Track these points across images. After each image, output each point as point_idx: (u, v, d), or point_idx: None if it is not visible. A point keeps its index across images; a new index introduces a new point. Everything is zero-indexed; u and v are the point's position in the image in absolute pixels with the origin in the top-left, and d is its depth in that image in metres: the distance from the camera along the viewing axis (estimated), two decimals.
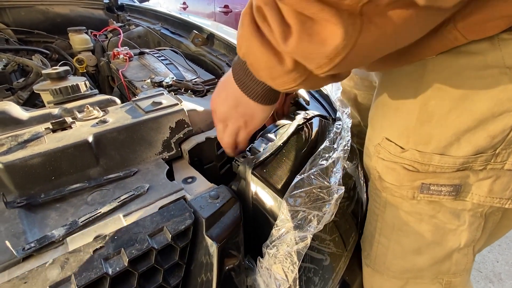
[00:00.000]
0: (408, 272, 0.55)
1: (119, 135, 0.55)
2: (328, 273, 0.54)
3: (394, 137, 0.48)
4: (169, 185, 0.51)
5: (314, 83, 0.39)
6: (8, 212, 0.43)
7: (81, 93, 0.72)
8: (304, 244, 0.43)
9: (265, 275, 0.44)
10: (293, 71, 0.36)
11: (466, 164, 0.44)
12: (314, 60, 0.32)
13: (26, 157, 0.47)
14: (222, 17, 3.63)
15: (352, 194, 0.64)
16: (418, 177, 0.47)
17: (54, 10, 1.57)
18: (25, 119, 0.58)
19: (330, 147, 0.57)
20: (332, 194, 0.49)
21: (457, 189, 0.46)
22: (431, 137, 0.44)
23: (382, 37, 0.30)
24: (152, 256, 0.39)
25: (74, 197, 0.48)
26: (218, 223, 0.45)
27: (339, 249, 0.56)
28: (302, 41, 0.30)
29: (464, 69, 0.40)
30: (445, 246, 0.51)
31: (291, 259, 0.43)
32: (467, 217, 0.48)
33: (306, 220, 0.45)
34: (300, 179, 0.49)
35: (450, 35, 0.37)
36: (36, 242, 0.39)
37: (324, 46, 0.30)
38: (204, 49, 1.08)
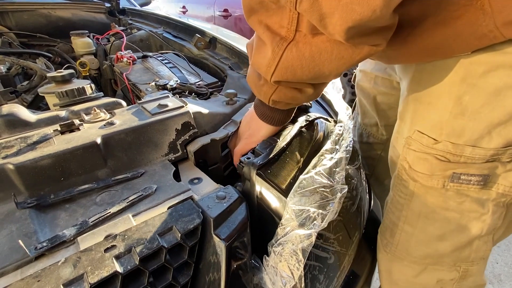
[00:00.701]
0: (430, 257, 0.58)
1: (127, 137, 0.56)
2: (333, 271, 0.54)
3: (427, 130, 0.51)
4: (176, 185, 0.52)
5: (282, 93, 0.50)
6: (19, 213, 0.44)
7: (87, 95, 0.73)
8: (309, 241, 0.44)
9: (271, 273, 0.45)
10: (264, 84, 0.50)
11: (495, 155, 0.47)
12: (261, 69, 0.46)
13: (36, 158, 0.47)
14: (221, 21, 3.65)
15: (355, 194, 0.65)
16: (449, 167, 0.50)
17: (57, 14, 1.58)
18: (33, 121, 0.59)
19: (333, 148, 0.58)
20: (336, 193, 0.50)
21: (485, 179, 0.49)
22: (464, 129, 0.47)
23: (301, 57, 0.41)
24: (162, 255, 0.40)
25: (83, 198, 0.49)
26: (225, 223, 0.46)
27: (343, 248, 0.56)
28: (256, 56, 0.46)
29: (499, 67, 0.42)
30: (468, 233, 0.53)
31: (297, 257, 0.43)
32: (490, 206, 0.51)
33: (311, 219, 0.46)
34: (304, 179, 0.50)
35: (490, 34, 0.39)
36: (48, 242, 0.39)
37: (264, 58, 0.44)
38: (207, 53, 1.09)
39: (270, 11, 0.39)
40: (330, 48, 0.39)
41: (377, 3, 0.30)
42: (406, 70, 0.57)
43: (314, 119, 0.66)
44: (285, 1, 0.35)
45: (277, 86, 0.49)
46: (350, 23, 0.32)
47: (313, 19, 0.35)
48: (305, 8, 0.34)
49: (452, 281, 0.58)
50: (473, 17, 0.38)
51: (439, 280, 0.58)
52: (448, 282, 0.58)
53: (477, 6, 0.38)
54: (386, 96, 0.78)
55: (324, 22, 0.34)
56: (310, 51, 0.40)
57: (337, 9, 0.32)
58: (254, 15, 0.41)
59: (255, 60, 0.47)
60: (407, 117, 0.56)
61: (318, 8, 0.33)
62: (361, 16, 0.31)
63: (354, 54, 0.40)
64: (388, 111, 0.81)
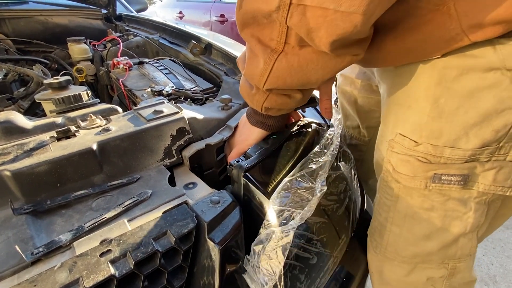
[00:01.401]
0: (418, 256, 0.59)
1: (122, 143, 0.57)
2: (316, 272, 0.55)
3: (407, 133, 0.53)
4: (171, 190, 0.53)
5: (273, 100, 0.53)
6: (16, 218, 0.45)
7: (83, 102, 0.73)
8: (287, 239, 0.45)
9: (253, 272, 0.46)
10: (256, 93, 0.54)
11: (473, 156, 0.48)
12: (255, 78, 0.49)
13: (33, 165, 0.48)
14: (218, 26, 3.69)
15: (343, 197, 0.66)
16: (430, 168, 0.51)
17: (53, 21, 1.59)
18: (30, 128, 0.60)
19: (320, 152, 0.60)
20: (316, 194, 0.51)
21: (465, 178, 0.50)
22: (442, 131, 0.49)
23: (290, 67, 0.45)
24: (156, 259, 0.41)
25: (79, 203, 0.50)
26: (219, 227, 0.47)
27: (327, 250, 0.57)
28: (248, 66, 0.50)
29: (470, 70, 0.44)
30: (452, 231, 0.55)
31: (277, 255, 0.44)
32: (472, 204, 0.53)
33: (290, 218, 0.47)
34: (288, 181, 0.52)
35: (458, 37, 0.41)
36: (44, 247, 0.40)
37: (257, 68, 0.47)
38: (202, 59, 1.11)
39: (261, 25, 0.42)
40: (316, 59, 0.43)
41: (358, 20, 0.33)
42: (385, 75, 0.60)
43: (305, 124, 0.68)
44: (276, 16, 0.38)
45: (268, 94, 0.53)
46: (334, 36, 0.36)
47: (301, 33, 0.39)
48: (295, 23, 0.37)
49: (442, 279, 0.60)
50: (440, 21, 0.41)
51: (429, 278, 0.60)
52: (437, 279, 0.60)
53: (443, 11, 0.40)
54: (366, 99, 0.81)
55: (311, 35, 0.37)
56: (298, 61, 0.44)
57: (323, 25, 0.35)
58: (246, 28, 0.44)
59: (248, 71, 0.51)
60: (389, 120, 0.58)
61: (306, 23, 0.36)
62: (344, 30, 0.35)
63: (337, 63, 0.44)
64: (369, 113, 0.83)
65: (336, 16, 0.33)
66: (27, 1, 1.68)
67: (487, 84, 0.44)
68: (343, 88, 0.87)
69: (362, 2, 0.32)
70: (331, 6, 0.33)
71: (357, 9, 0.32)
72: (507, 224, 1.76)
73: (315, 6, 0.34)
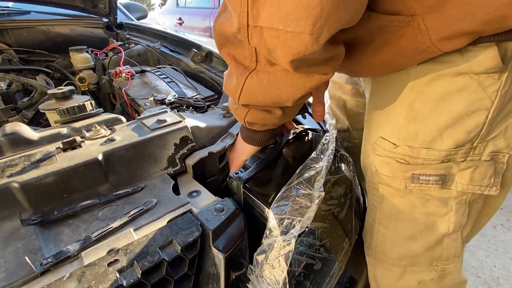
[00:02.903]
0: (405, 258, 0.61)
1: (127, 153, 0.58)
2: (320, 277, 0.56)
3: (387, 135, 0.56)
4: (176, 199, 0.54)
5: (253, 115, 0.55)
6: (24, 229, 0.46)
7: (87, 112, 0.75)
8: (289, 248, 0.45)
9: (257, 282, 0.47)
10: (238, 108, 0.55)
11: (449, 156, 0.51)
12: (230, 93, 0.51)
13: (40, 176, 0.49)
14: None
15: (344, 201, 0.67)
16: (409, 169, 0.54)
17: (55, 30, 1.61)
18: (36, 139, 0.61)
19: (317, 158, 0.61)
20: (314, 200, 0.52)
21: (442, 178, 0.53)
22: (417, 133, 0.51)
23: (260, 84, 0.46)
24: (163, 268, 0.41)
25: (85, 213, 0.51)
26: (224, 235, 0.47)
27: (332, 255, 0.58)
28: (226, 82, 0.52)
29: (441, 75, 0.47)
30: (436, 231, 0.57)
31: (280, 264, 0.45)
32: (453, 204, 0.55)
33: (291, 226, 0.48)
34: (286, 189, 0.53)
35: (429, 49, 0.44)
36: (53, 257, 0.41)
37: (231, 84, 0.49)
38: (203, 67, 1.12)
39: (235, 45, 0.44)
40: (284, 76, 0.44)
41: (307, 40, 0.34)
42: (367, 82, 0.63)
43: (301, 132, 0.69)
44: (241, 37, 0.40)
45: (248, 109, 0.54)
46: (290, 56, 0.37)
47: (263, 52, 0.41)
48: (256, 43, 0.39)
49: (433, 281, 0.61)
50: (412, 36, 0.43)
51: (420, 282, 0.61)
52: (428, 282, 0.61)
53: (414, 26, 0.42)
54: (355, 102, 0.84)
55: (272, 55, 0.39)
56: (267, 79, 0.45)
57: (278, 45, 0.36)
58: (223, 48, 0.47)
59: (225, 86, 0.53)
60: (371, 125, 0.60)
61: (264, 43, 0.38)
62: (298, 50, 0.36)
63: (306, 82, 0.45)
64: (358, 116, 0.85)
65: (287, 37, 0.34)
66: (29, 12, 1.70)
67: (457, 87, 0.46)
68: (331, 92, 0.90)
69: (307, 22, 0.32)
70: (280, 26, 0.34)
71: (303, 29, 0.33)
72: (510, 226, 1.76)
73: (267, 27, 0.35)
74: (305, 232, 0.53)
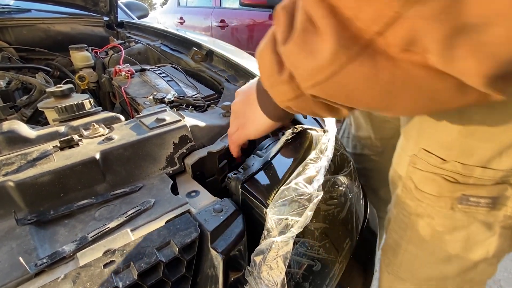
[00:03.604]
0: (434, 280, 0.56)
1: (125, 152, 0.57)
2: (320, 278, 0.55)
3: (434, 149, 0.49)
4: (174, 199, 0.53)
5: (305, 104, 0.40)
6: (19, 229, 0.45)
7: (86, 110, 0.74)
8: (287, 248, 0.44)
9: (255, 283, 0.46)
10: (287, 83, 0.36)
11: (505, 177, 0.46)
12: (299, 70, 0.33)
13: (36, 175, 0.48)
14: (218, 32, 3.71)
15: (344, 201, 0.66)
16: (458, 189, 0.48)
17: (55, 28, 1.60)
18: (33, 137, 0.60)
19: (317, 157, 0.60)
20: (312, 200, 0.51)
21: (494, 201, 0.47)
22: (474, 150, 0.45)
23: (373, 79, 0.27)
24: (160, 269, 0.41)
25: (82, 213, 0.50)
26: (222, 236, 0.47)
27: (331, 255, 0.57)
28: (295, 46, 0.30)
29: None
30: (474, 255, 0.52)
31: (278, 265, 0.44)
32: (497, 228, 0.50)
33: (288, 227, 0.47)
34: (285, 189, 0.52)
35: None
36: (48, 258, 0.40)
37: (310, 58, 0.29)
38: (204, 65, 1.11)
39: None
40: (425, 80, 0.25)
41: None
42: None
43: (301, 131, 0.68)
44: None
45: (309, 99, 0.38)
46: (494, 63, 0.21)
47: (438, 32, 0.21)
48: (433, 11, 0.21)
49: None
50: None
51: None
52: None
53: None
54: None
55: (457, 42, 0.21)
56: (390, 74, 0.26)
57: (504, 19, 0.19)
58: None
59: (291, 51, 0.32)
60: (412, 134, 0.54)
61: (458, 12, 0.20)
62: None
63: (457, 97, 0.27)
64: (383, 124, 0.82)
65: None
66: (29, 10, 1.69)
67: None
68: None
69: None
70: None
71: None
72: None
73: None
74: (305, 232, 0.52)
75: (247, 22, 3.26)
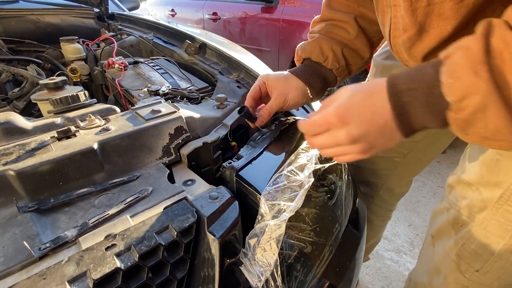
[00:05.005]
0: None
1: (122, 142, 0.58)
2: (311, 260, 0.58)
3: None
4: (171, 187, 0.55)
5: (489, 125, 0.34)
6: (21, 216, 0.46)
7: (81, 102, 0.75)
8: (280, 231, 0.47)
9: (249, 265, 0.48)
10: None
11: None
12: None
13: (36, 164, 0.50)
14: (210, 24, 3.68)
15: (334, 188, 0.69)
16: None
17: (45, 20, 1.58)
18: (30, 128, 0.61)
19: (308, 147, 0.63)
20: (303, 186, 0.54)
21: None
22: None
23: None
24: (159, 252, 0.43)
25: (81, 201, 0.51)
26: (218, 221, 0.49)
27: (322, 239, 0.60)
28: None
29: None
30: None
31: (271, 247, 0.47)
32: None
33: (281, 211, 0.50)
34: (277, 177, 0.54)
35: None
36: (51, 242, 0.42)
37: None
38: (197, 58, 1.12)
39: None
40: None
41: None
42: None
43: (293, 122, 0.71)
44: None
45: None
46: None
47: None
48: None
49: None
50: None
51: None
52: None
53: None
54: None
55: None
56: None
57: None
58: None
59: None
60: (494, 168, 0.52)
61: None
62: None
63: None
64: None
65: None
66: (17, 0, 1.66)
67: None
68: None
69: None
70: None
71: None
72: None
73: None
74: (297, 217, 0.55)
75: (239, 15, 3.25)
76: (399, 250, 1.63)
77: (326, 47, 0.68)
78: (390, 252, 1.62)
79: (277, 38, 2.88)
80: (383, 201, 1.04)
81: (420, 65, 0.39)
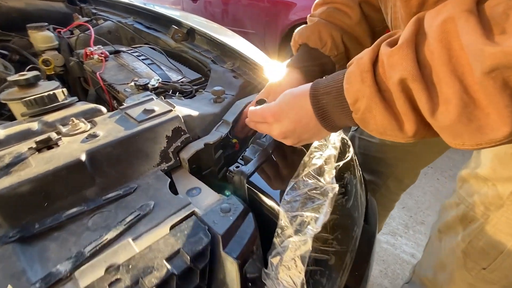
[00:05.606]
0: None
1: (114, 150, 0.51)
2: (335, 272, 0.54)
3: None
4: (175, 200, 0.48)
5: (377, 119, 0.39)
6: (1, 249, 0.39)
7: (60, 102, 0.65)
8: (306, 248, 0.42)
9: (273, 286, 0.44)
10: (411, 138, 0.38)
11: None
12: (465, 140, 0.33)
13: (14, 185, 0.42)
14: (190, 5, 3.48)
15: (350, 188, 0.65)
16: None
17: (8, 4, 1.40)
18: (2, 138, 0.52)
19: (321, 145, 0.58)
20: (327, 194, 0.49)
21: None
22: None
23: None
24: (172, 283, 0.37)
25: (73, 223, 0.44)
26: (234, 238, 0.43)
27: (343, 246, 0.56)
28: (458, 123, 0.31)
29: None
30: None
31: (296, 265, 0.42)
32: None
33: (305, 224, 0.45)
34: (295, 183, 0.49)
35: None
36: (41, 282, 0.35)
37: (480, 133, 0.30)
38: (186, 45, 1.02)
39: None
40: None
41: None
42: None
43: None
44: None
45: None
46: None
47: None
48: None
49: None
50: None
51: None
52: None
53: None
54: None
55: None
56: None
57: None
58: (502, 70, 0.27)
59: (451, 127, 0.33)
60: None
61: None
62: None
63: None
64: None
65: None
66: None
67: None
68: None
69: None
70: None
71: None
72: None
73: None
74: None
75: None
76: (394, 233, 1.65)
77: (325, 33, 0.65)
78: (386, 235, 1.64)
79: (262, 19, 2.76)
80: (389, 191, 1.02)
81: (338, 71, 0.44)
